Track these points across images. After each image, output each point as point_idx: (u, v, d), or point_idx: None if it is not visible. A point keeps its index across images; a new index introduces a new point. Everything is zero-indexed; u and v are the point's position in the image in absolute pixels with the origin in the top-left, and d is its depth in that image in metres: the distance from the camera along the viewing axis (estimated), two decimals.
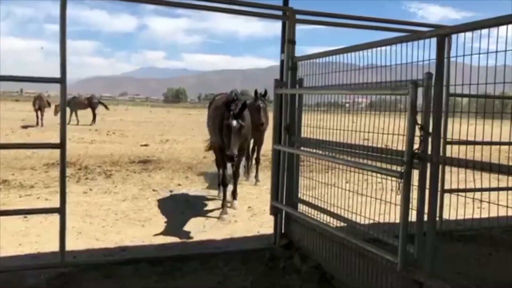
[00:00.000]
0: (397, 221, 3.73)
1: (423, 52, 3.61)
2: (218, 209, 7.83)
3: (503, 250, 4.09)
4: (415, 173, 3.48)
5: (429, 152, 3.41)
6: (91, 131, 18.94)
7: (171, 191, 9.52)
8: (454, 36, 3.41)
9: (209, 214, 7.66)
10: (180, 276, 4.61)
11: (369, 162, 4.05)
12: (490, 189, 5.12)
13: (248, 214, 7.74)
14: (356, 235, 4.23)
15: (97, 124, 29.03)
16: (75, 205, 7.69)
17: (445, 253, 4.19)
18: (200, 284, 4.50)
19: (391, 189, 3.83)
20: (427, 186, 3.41)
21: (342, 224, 4.57)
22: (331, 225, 4.59)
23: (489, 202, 3.79)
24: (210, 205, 8.32)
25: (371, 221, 4.11)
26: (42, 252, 5.34)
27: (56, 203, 4.54)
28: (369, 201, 4.16)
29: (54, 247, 4.84)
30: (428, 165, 3.42)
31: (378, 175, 3.94)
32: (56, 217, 6.20)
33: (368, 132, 4.07)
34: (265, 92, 9.74)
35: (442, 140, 3.50)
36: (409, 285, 3.55)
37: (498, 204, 3.71)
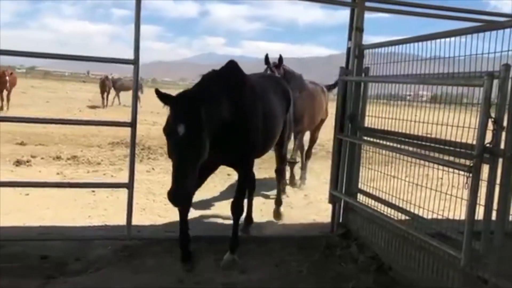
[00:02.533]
0: (461, 217, 3.67)
1: (495, 44, 3.47)
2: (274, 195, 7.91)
3: None
4: (485, 168, 3.40)
5: (502, 147, 3.30)
6: (153, 113, 19.46)
7: (228, 174, 9.69)
8: None
9: (267, 199, 7.73)
10: (239, 255, 4.73)
11: (435, 155, 3.97)
12: None
13: (304, 202, 7.76)
14: (417, 228, 4.18)
15: (159, 108, 29.83)
16: (138, 183, 7.98)
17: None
18: (257, 264, 4.61)
19: (452, 185, 3.76)
20: (498, 182, 3.30)
21: (402, 216, 4.51)
22: (392, 216, 4.54)
23: None
24: (268, 190, 8.40)
25: (434, 215, 4.05)
26: (109, 224, 5.65)
27: (121, 180, 4.79)
28: (431, 195, 4.09)
29: (120, 220, 5.13)
30: (500, 160, 3.31)
31: (440, 169, 3.87)
32: (120, 193, 6.61)
33: (435, 124, 3.98)
34: (280, 59, 7.12)
35: None
36: (471, 282, 3.48)
37: None
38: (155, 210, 6.61)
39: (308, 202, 7.74)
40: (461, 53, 3.67)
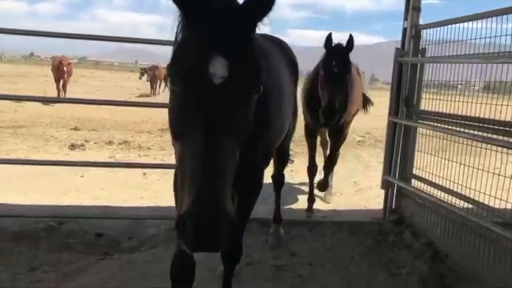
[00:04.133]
0: None
1: None
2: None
3: None
4: None
5: None
6: None
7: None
8: None
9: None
10: (289, 238, 4.70)
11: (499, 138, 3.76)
12: None
13: (354, 189, 7.62)
14: (477, 214, 4.00)
15: None
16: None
17: None
18: (307, 247, 4.57)
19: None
20: None
21: (459, 203, 4.33)
22: (450, 202, 4.36)
23: None
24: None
25: (495, 202, 3.85)
26: (161, 206, 5.75)
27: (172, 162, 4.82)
28: (490, 181, 3.90)
29: (171, 202, 5.20)
30: None
31: (499, 156, 3.67)
32: (171, 176, 6.71)
33: (494, 104, 3.77)
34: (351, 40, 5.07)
35: None
36: None
37: None
38: None
39: (358, 189, 7.59)
40: None
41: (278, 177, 4.75)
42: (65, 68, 19.46)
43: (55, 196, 5.76)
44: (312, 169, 5.86)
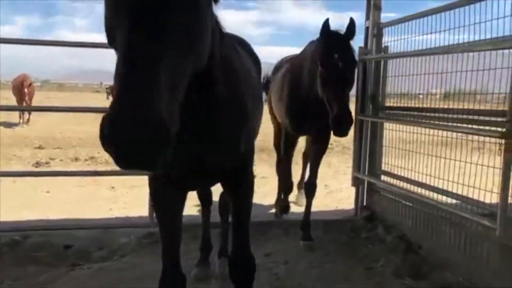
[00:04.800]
0: (493, 190, 3.56)
1: None
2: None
3: None
4: None
5: None
6: None
7: None
8: None
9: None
10: (265, 240, 4.66)
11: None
12: None
13: (325, 191, 7.65)
14: (446, 203, 4.07)
15: None
16: None
17: None
18: (283, 248, 4.54)
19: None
20: None
21: (430, 194, 4.40)
22: (419, 193, 4.43)
23: None
24: None
25: (462, 188, 3.93)
26: (131, 216, 5.62)
27: (140, 178, 4.72)
28: (457, 168, 3.99)
29: (141, 212, 5.09)
30: None
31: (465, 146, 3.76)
32: (140, 188, 6.60)
33: (462, 93, 3.88)
34: (352, 23, 4.07)
35: None
36: (508, 252, 3.36)
37: None
38: None
39: (329, 191, 7.65)
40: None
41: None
42: (26, 90, 18.75)
43: (19, 211, 5.55)
44: (289, 182, 5.72)
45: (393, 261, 4.19)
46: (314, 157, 4.97)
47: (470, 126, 3.66)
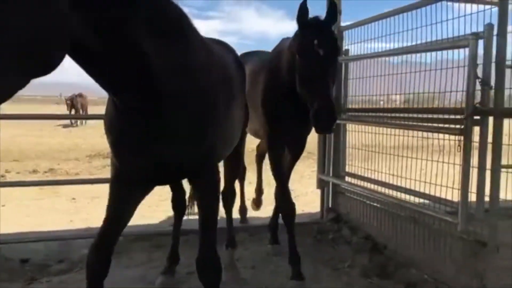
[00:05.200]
0: (454, 185, 3.63)
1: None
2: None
3: None
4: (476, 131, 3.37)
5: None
6: None
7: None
8: None
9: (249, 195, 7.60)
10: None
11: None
12: None
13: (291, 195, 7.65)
14: (409, 201, 4.13)
15: None
16: None
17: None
18: (250, 252, 4.49)
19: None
20: (490, 141, 3.27)
21: (394, 193, 4.45)
22: (383, 192, 4.48)
23: None
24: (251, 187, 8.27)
25: (425, 186, 4.00)
26: (92, 227, 5.42)
27: (102, 188, 4.56)
28: (420, 167, 4.06)
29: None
30: (490, 120, 3.28)
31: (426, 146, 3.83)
32: (101, 200, 6.39)
33: (421, 93, 3.96)
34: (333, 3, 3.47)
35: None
36: (470, 247, 3.42)
37: None
38: (140, 211, 6.38)
39: (294, 195, 7.57)
40: (447, 17, 3.64)
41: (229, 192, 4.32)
42: None
43: None
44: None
45: (359, 262, 4.22)
46: (288, 168, 4.34)
47: (429, 124, 3.73)
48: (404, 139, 4.30)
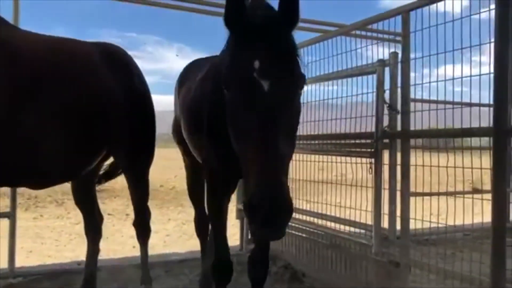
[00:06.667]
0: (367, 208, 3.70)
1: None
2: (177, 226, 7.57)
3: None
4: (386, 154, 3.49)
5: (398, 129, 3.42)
6: None
7: (127, 214, 9.13)
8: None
9: (171, 231, 7.37)
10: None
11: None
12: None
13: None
14: (325, 226, 4.17)
15: None
16: (25, 229, 7.17)
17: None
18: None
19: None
20: (398, 162, 3.39)
21: (311, 219, 4.46)
22: (300, 219, 4.47)
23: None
24: (170, 223, 8.03)
25: (340, 210, 4.05)
26: None
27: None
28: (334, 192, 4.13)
29: (1, 265, 4.44)
30: (398, 142, 3.41)
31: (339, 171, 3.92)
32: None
33: (334, 119, 4.06)
34: None
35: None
36: (384, 268, 3.47)
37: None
38: (44, 251, 5.91)
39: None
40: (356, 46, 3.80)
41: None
42: None
43: None
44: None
45: None
46: None
47: (342, 148, 3.83)
48: (319, 165, 4.36)
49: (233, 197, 5.72)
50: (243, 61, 1.86)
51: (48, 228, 7.51)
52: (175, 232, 7.41)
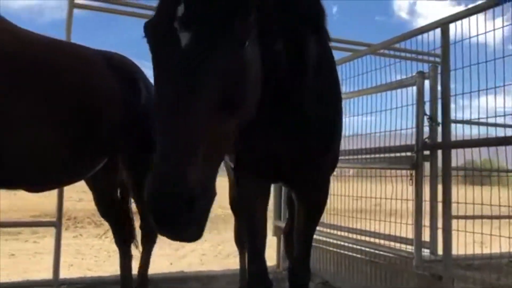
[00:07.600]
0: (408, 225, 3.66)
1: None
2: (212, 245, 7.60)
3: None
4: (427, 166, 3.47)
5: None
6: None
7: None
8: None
9: (206, 250, 7.40)
10: None
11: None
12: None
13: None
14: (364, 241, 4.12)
15: None
16: (66, 246, 7.32)
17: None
18: None
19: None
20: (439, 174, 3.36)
21: (350, 235, 4.43)
22: (337, 234, 4.44)
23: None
24: (205, 244, 8.05)
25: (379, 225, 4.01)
26: (32, 280, 5.03)
27: (45, 246, 4.29)
28: (375, 208, 4.10)
29: (45, 276, 4.56)
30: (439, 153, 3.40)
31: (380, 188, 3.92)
32: (44, 255, 6.04)
33: (375, 133, 4.07)
34: None
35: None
36: (426, 281, 3.40)
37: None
38: (84, 265, 6.04)
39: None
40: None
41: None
42: None
43: None
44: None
45: None
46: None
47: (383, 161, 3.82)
48: (359, 180, 4.35)
49: (270, 214, 5.76)
50: (165, 6, 1.44)
51: (87, 246, 7.68)
52: (210, 251, 7.43)
